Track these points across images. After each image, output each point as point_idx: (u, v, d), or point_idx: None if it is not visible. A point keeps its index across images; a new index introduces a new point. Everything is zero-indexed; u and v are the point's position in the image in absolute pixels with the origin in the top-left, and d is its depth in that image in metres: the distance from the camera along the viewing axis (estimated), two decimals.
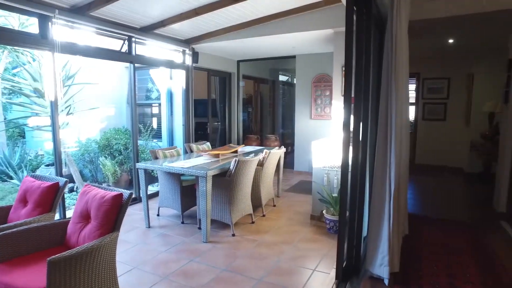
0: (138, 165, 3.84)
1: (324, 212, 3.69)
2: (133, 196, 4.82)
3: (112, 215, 2.05)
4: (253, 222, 4.01)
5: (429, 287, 2.51)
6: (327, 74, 6.22)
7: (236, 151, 4.56)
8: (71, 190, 5.32)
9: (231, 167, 3.54)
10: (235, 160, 3.53)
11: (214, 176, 3.47)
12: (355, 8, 2.38)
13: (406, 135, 2.98)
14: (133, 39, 4.59)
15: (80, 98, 5.42)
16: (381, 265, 2.52)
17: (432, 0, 4.17)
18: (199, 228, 3.76)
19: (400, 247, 2.94)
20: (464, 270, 2.79)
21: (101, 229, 2.01)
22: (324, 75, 6.29)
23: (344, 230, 2.47)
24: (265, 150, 4.30)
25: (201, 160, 3.99)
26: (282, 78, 9.71)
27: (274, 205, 4.68)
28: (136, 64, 4.73)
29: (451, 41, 5.79)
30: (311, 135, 6.20)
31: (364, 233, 2.89)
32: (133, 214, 4.30)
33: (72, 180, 5.12)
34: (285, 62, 7.80)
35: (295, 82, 7.07)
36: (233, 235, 3.62)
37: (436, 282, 2.58)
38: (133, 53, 4.63)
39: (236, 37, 5.28)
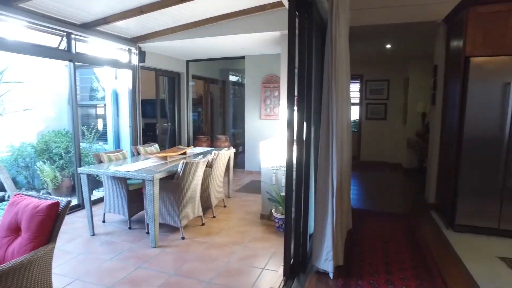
0: (80, 169, 3.62)
1: (273, 211, 3.77)
2: (76, 202, 4.58)
3: (47, 226, 1.91)
4: (203, 224, 3.98)
5: (369, 277, 2.69)
6: (275, 75, 6.36)
7: (185, 153, 4.49)
8: (2, 200, 4.87)
9: (179, 169, 3.48)
10: (183, 162, 3.48)
11: (161, 179, 3.39)
12: (297, 13, 2.48)
13: (348, 134, 3.16)
14: (73, 35, 4.32)
15: (10, 98, 4.97)
16: (326, 260, 2.64)
17: (370, 9, 4.46)
18: (148, 233, 3.65)
19: (344, 241, 3.11)
20: (399, 257, 3.02)
21: (33, 242, 1.86)
22: (273, 76, 6.42)
23: (290, 228, 2.55)
24: (213, 152, 4.29)
25: (148, 163, 3.87)
26: (232, 78, 9.73)
27: (225, 206, 4.69)
28: (77, 63, 4.45)
29: (389, 46, 6.23)
30: (261, 135, 6.31)
31: (311, 230, 3.01)
32: (75, 222, 4.05)
33: (2, 189, 4.69)
34: (235, 62, 7.84)
35: (245, 82, 7.13)
36: (183, 238, 3.56)
37: (375, 271, 2.76)
38: (73, 50, 4.36)
39: (185, 37, 5.20)
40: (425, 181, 4.83)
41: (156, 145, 5.09)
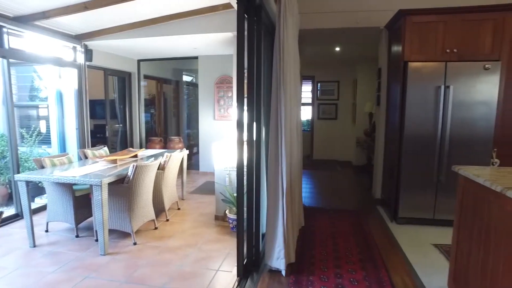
0: (18, 176, 3.35)
1: (227, 212, 3.78)
2: (14, 212, 4.23)
3: None
4: (156, 228, 3.88)
5: (319, 272, 2.80)
6: (229, 76, 6.37)
7: (136, 156, 4.34)
8: None
9: (129, 173, 3.37)
10: (134, 165, 3.36)
11: (111, 184, 3.25)
12: (246, 16, 2.51)
13: (298, 134, 3.26)
14: (5, 29, 3.98)
15: None
16: (278, 258, 2.71)
17: (318, 13, 4.63)
18: (97, 240, 3.48)
19: (296, 239, 3.20)
20: (347, 251, 3.18)
21: None
22: (227, 76, 6.42)
23: (243, 228, 2.57)
24: (165, 154, 4.20)
25: (96, 167, 3.70)
26: (186, 78, 9.57)
27: (179, 208, 4.61)
28: (12, 60, 4.11)
29: (338, 49, 6.51)
30: (215, 135, 6.29)
31: (264, 229, 3.06)
32: (12, 234, 3.75)
33: None
34: (188, 62, 7.72)
35: (198, 82, 7.06)
36: (135, 243, 3.45)
37: (325, 266, 2.88)
38: (6, 46, 4.02)
39: (135, 36, 5.03)
40: (372, 178, 5.12)
41: (106, 148, 4.87)
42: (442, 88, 3.66)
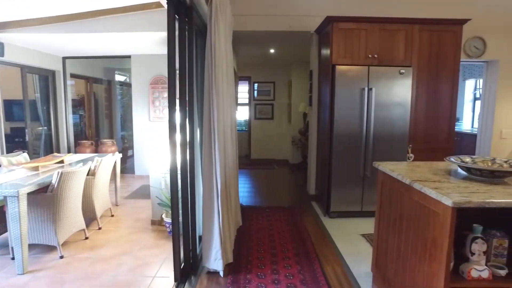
0: None
1: (163, 216, 3.68)
2: None
3: None
4: (87, 238, 3.63)
5: (257, 269, 2.86)
6: (164, 76, 6.19)
7: (62, 161, 4.01)
8: None
9: (54, 180, 3.10)
10: (59, 172, 3.11)
11: (31, 194, 2.96)
12: (177, 16, 2.47)
13: (233, 134, 3.30)
14: None
15: None
16: (215, 259, 2.72)
17: (251, 15, 4.72)
18: (13, 258, 3.14)
19: (234, 239, 3.24)
20: (283, 247, 3.30)
21: None
22: (162, 77, 6.24)
23: (178, 232, 2.53)
24: (96, 158, 3.95)
25: (14, 176, 3.34)
26: (119, 78, 9.08)
27: (112, 215, 4.37)
28: None
29: (273, 51, 6.70)
30: (151, 137, 6.07)
31: (201, 231, 3.04)
32: None
33: None
34: (121, 61, 7.34)
35: (132, 83, 6.74)
36: (61, 257, 3.19)
37: (262, 264, 2.96)
38: None
39: (59, 31, 4.62)
40: (307, 175, 5.38)
41: (25, 154, 4.41)
42: (366, 90, 3.97)
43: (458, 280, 1.68)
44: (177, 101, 2.45)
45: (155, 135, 6.13)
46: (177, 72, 2.49)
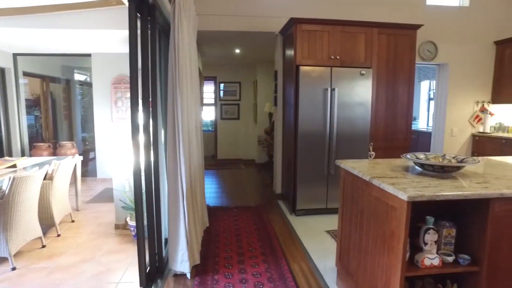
0: None
1: (128, 219, 3.58)
2: None
3: None
4: (44, 246, 3.44)
5: (224, 270, 2.86)
6: (127, 76, 6.00)
7: (14, 165, 3.78)
8: None
9: (4, 186, 2.91)
10: (10, 177, 2.92)
11: None
12: (139, 14, 2.41)
13: (198, 135, 3.27)
14: None
15: None
16: (182, 261, 2.68)
17: (216, 15, 4.70)
18: None
19: (201, 240, 3.22)
20: (251, 246, 3.33)
21: None
22: (124, 76, 6.05)
23: (143, 235, 2.47)
24: (54, 161, 3.76)
25: None
26: (79, 77, 8.68)
27: (73, 221, 4.18)
28: None
29: (238, 51, 6.72)
30: (114, 139, 5.86)
31: (167, 234, 2.99)
32: None
33: None
34: (80, 59, 7.03)
35: (93, 82, 6.47)
36: (14, 268, 2.98)
37: (229, 264, 2.97)
38: None
39: (7, 25, 4.33)
40: (273, 174, 5.44)
41: None
42: (329, 90, 4.09)
43: (413, 269, 1.78)
44: (140, 101, 2.39)
45: (118, 136, 5.94)
46: (140, 71, 2.43)
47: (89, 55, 6.15)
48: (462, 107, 5.46)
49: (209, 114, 8.79)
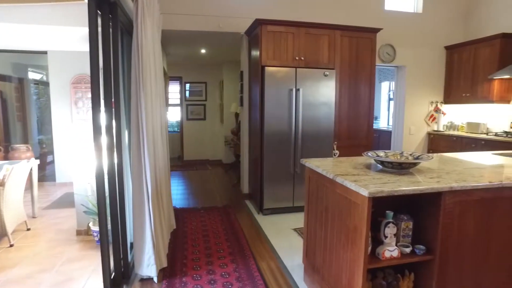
0: None
1: (90, 224, 3.44)
2: None
3: None
4: None
5: (192, 272, 2.84)
6: (87, 75, 5.75)
7: None
8: None
9: None
10: None
11: None
12: (99, 12, 2.33)
13: (163, 136, 3.22)
14: None
15: None
16: (148, 265, 2.63)
17: (181, 15, 4.64)
18: None
19: (168, 242, 3.16)
20: (219, 247, 3.32)
21: None
22: (85, 76, 5.79)
23: (107, 240, 2.39)
24: (5, 166, 3.52)
25: None
26: (34, 75, 8.18)
27: (29, 229, 3.94)
28: None
29: (204, 51, 6.66)
30: (75, 141, 5.60)
31: (132, 238, 2.91)
32: None
33: None
34: (35, 57, 6.63)
35: (50, 81, 6.14)
36: None
37: (198, 265, 2.94)
38: None
39: None
40: (240, 174, 5.46)
41: None
42: (294, 91, 4.18)
43: (375, 262, 1.87)
44: (102, 102, 2.32)
45: (78, 138, 5.68)
46: (102, 71, 2.35)
47: (45, 52, 5.83)
48: (419, 107, 5.79)
49: (174, 115, 8.64)
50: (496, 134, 4.93)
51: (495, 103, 5.02)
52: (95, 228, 3.38)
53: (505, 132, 4.95)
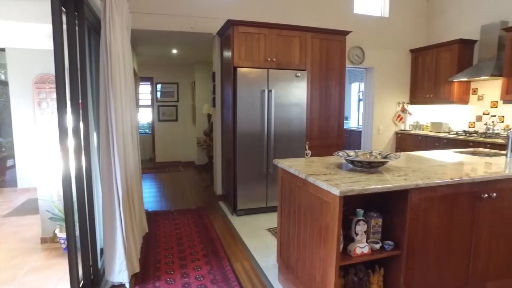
0: None
1: (57, 231, 3.29)
2: None
3: None
4: None
5: (166, 275, 2.78)
6: (52, 75, 5.50)
7: None
8: None
9: None
10: None
11: None
12: (64, 9, 2.24)
13: (134, 138, 3.14)
14: None
15: None
16: (120, 271, 2.55)
17: (151, 14, 4.55)
18: None
19: (140, 247, 3.09)
20: (192, 249, 3.28)
21: None
22: (50, 75, 5.52)
23: (75, 247, 2.30)
24: None
25: None
26: None
27: None
28: None
29: (175, 51, 6.56)
30: (38, 144, 5.33)
31: (102, 243, 2.82)
32: None
33: None
34: None
35: (9, 81, 5.81)
36: None
37: (171, 269, 2.89)
38: None
39: None
40: (213, 175, 5.42)
41: None
42: (266, 92, 4.21)
43: (346, 259, 1.93)
44: (68, 103, 2.22)
45: (43, 141, 5.41)
46: (68, 71, 2.26)
47: (2, 49, 5.51)
48: (387, 107, 6.00)
49: (146, 116, 8.44)
50: (456, 133, 5.20)
51: (455, 104, 5.31)
52: (62, 234, 3.23)
53: (465, 131, 5.24)
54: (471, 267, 2.22)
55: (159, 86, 8.05)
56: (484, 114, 5.12)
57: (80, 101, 2.41)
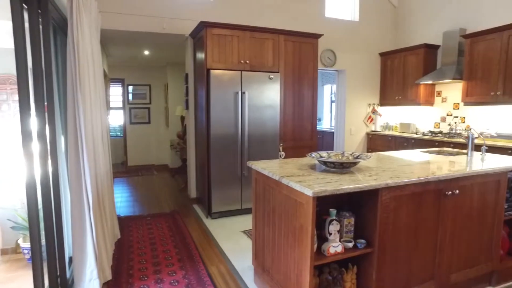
0: None
1: (20, 241, 3.12)
2: None
3: None
4: None
5: (139, 282, 2.71)
6: (14, 75, 5.23)
7: None
8: None
9: None
10: None
11: None
12: (25, 6, 2.14)
13: (105, 141, 3.04)
14: None
15: None
16: (90, 279, 2.46)
17: (121, 14, 4.43)
18: None
19: (112, 254, 2.99)
20: (167, 254, 3.22)
21: None
22: (10, 76, 5.24)
23: (41, 257, 2.19)
24: None
25: None
26: None
27: None
28: None
29: (147, 52, 6.44)
30: None
31: (71, 252, 2.71)
32: None
33: None
34: None
35: None
36: None
37: (145, 275, 2.82)
38: None
39: None
40: (187, 178, 5.35)
41: None
42: (240, 94, 4.21)
43: (321, 258, 1.96)
44: (33, 105, 2.12)
45: (3, 145, 5.13)
46: (31, 71, 2.16)
47: None
48: (358, 109, 6.17)
49: (117, 119, 8.20)
50: (423, 134, 5.43)
51: (422, 105, 5.55)
52: (26, 245, 3.07)
53: (430, 131, 5.48)
54: (437, 260, 2.32)
55: (130, 88, 7.86)
56: (447, 115, 5.38)
57: (45, 103, 2.31)
